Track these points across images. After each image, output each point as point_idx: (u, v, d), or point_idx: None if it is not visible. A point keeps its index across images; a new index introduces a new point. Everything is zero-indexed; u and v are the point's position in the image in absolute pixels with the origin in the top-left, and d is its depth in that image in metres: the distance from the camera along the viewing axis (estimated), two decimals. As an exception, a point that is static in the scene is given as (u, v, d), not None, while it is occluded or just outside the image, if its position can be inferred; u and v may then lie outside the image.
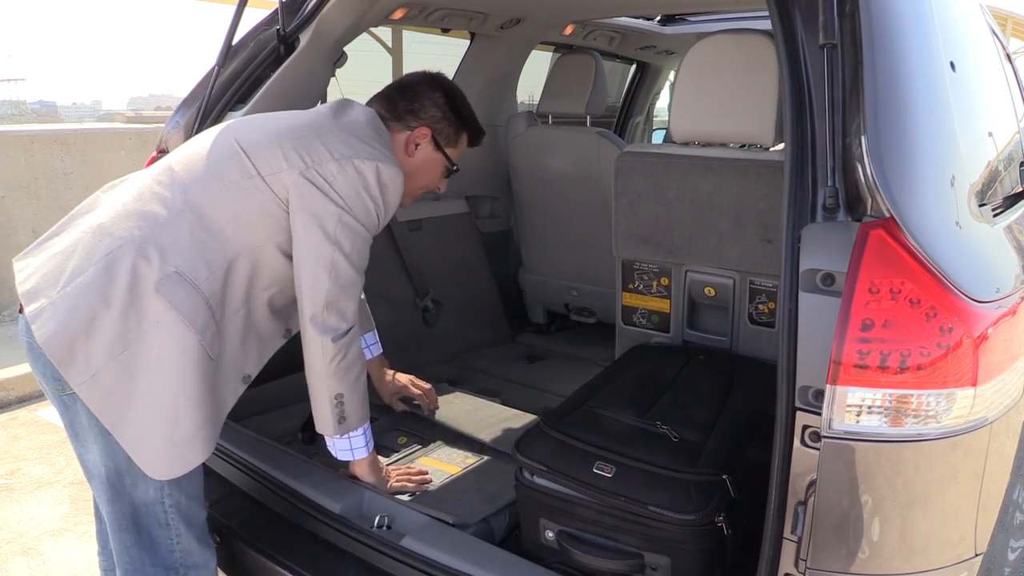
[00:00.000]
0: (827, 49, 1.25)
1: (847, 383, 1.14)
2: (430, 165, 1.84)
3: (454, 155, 1.87)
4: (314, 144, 1.61)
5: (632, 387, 1.89)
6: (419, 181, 1.84)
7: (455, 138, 1.85)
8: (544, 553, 1.63)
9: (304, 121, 1.69)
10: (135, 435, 1.47)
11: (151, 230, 1.50)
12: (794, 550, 1.23)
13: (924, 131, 1.30)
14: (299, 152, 1.60)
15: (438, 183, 1.91)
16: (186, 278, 1.49)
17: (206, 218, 1.54)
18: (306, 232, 1.58)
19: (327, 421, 1.69)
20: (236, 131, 1.67)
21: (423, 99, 1.80)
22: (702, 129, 2.09)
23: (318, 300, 1.59)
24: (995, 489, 1.34)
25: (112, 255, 1.46)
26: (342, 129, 1.67)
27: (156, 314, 1.45)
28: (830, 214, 1.22)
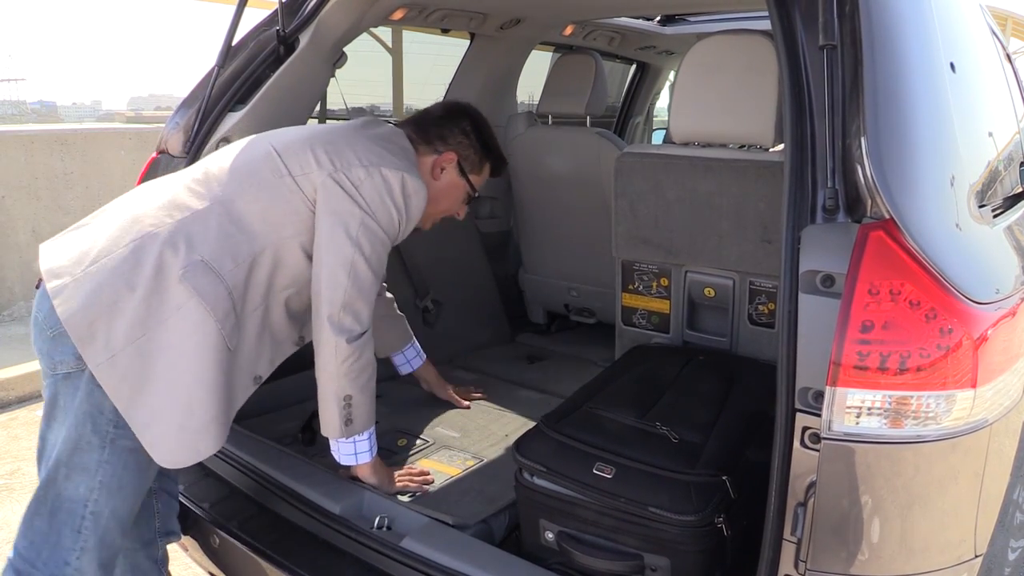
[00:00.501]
0: (827, 50, 1.25)
1: (847, 384, 1.14)
2: (453, 190, 1.89)
3: (477, 182, 1.93)
4: (344, 150, 1.68)
5: (632, 388, 1.89)
6: (441, 205, 1.90)
7: (479, 166, 1.92)
8: (544, 554, 1.63)
9: (335, 129, 1.77)
10: (146, 420, 1.48)
11: (181, 220, 1.55)
12: (794, 551, 1.23)
13: (924, 132, 1.30)
14: (329, 155, 1.66)
15: (459, 208, 1.96)
16: (211, 267, 1.53)
17: (236, 213, 1.59)
18: (330, 231, 1.62)
19: (333, 422, 1.70)
20: (271, 136, 1.75)
21: (452, 125, 1.87)
22: (702, 130, 2.09)
23: (335, 300, 1.63)
24: (995, 490, 1.33)
25: (141, 241, 1.50)
26: (371, 140, 1.73)
27: (179, 300, 1.49)
28: (830, 215, 1.22)
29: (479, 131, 1.90)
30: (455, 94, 3.17)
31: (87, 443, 1.49)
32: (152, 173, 2.08)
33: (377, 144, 1.72)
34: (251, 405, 2.23)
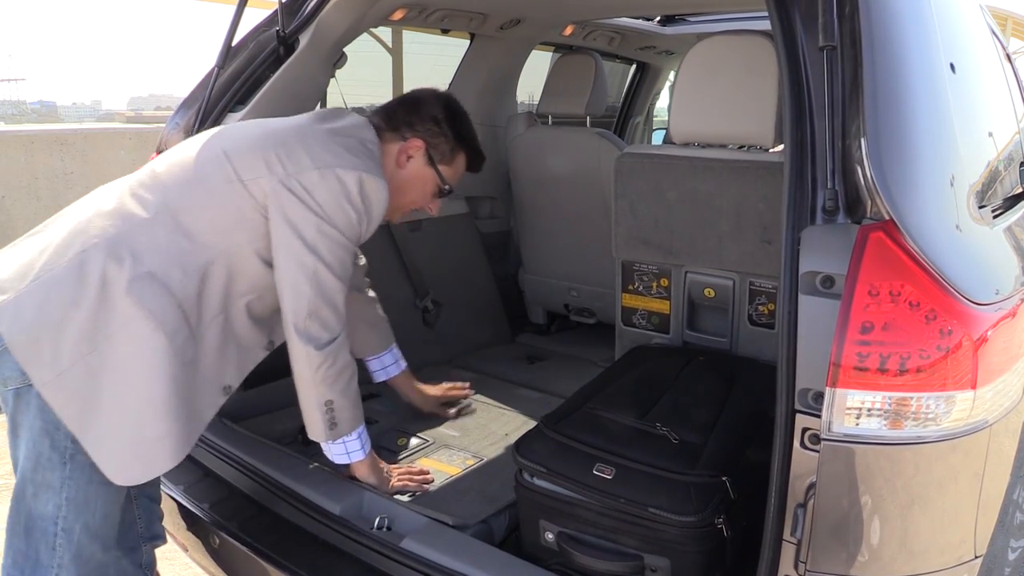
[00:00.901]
0: (827, 51, 1.25)
1: (847, 385, 1.14)
2: (421, 181, 1.80)
3: (448, 174, 1.82)
4: (296, 151, 1.59)
5: (632, 388, 1.89)
6: (408, 196, 1.81)
7: (450, 156, 1.81)
8: (544, 554, 1.63)
9: (291, 127, 1.67)
10: (98, 437, 1.44)
11: (127, 230, 1.49)
12: (794, 552, 1.23)
13: (924, 133, 1.30)
14: (280, 158, 1.58)
15: (429, 202, 1.86)
16: (158, 279, 1.47)
17: (184, 221, 1.53)
18: (286, 240, 1.57)
19: (318, 427, 1.69)
20: (222, 136, 1.66)
21: (422, 112, 1.78)
22: (702, 130, 2.09)
23: (300, 310, 1.58)
24: (995, 491, 1.34)
25: (85, 253, 1.45)
26: (329, 136, 1.65)
27: (125, 315, 1.44)
28: (830, 216, 1.22)
29: (453, 120, 1.80)
30: (455, 94, 3.16)
31: (47, 460, 1.46)
32: (152, 173, 2.08)
33: (334, 140, 1.64)
34: (251, 405, 2.24)
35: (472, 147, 1.85)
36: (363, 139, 1.69)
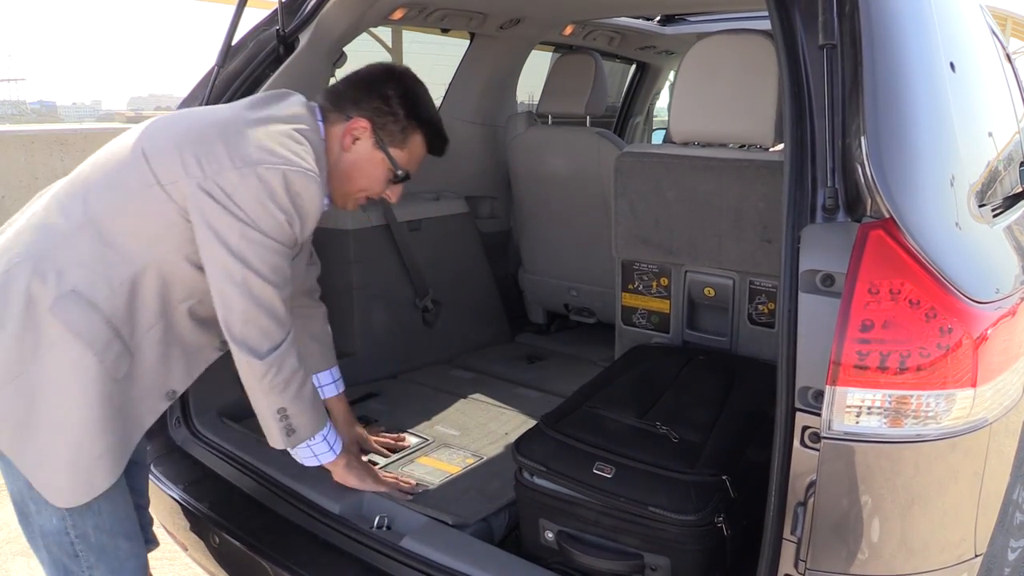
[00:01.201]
0: (827, 49, 1.25)
1: (847, 384, 1.14)
2: (370, 165, 1.63)
3: (401, 158, 1.64)
4: (216, 149, 1.45)
5: (632, 387, 1.89)
6: (356, 182, 1.65)
7: (402, 138, 1.63)
8: (544, 553, 1.63)
9: (216, 119, 1.52)
10: (35, 461, 1.40)
11: (50, 244, 1.42)
12: (794, 551, 1.23)
13: (924, 132, 1.30)
14: (198, 158, 1.44)
15: (382, 188, 1.68)
16: (83, 297, 1.40)
17: (107, 230, 1.44)
18: (210, 249, 1.44)
19: (275, 436, 1.59)
20: (144, 134, 1.52)
21: (370, 89, 1.61)
22: (702, 129, 2.09)
23: (233, 320, 1.48)
24: (995, 489, 1.34)
25: (8, 273, 1.39)
26: (255, 126, 1.49)
27: (52, 336, 1.38)
28: (830, 215, 1.22)
29: (406, 97, 1.62)
30: (455, 94, 3.17)
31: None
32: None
33: (264, 131, 1.48)
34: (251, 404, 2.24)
35: (430, 126, 1.66)
36: (299, 126, 1.54)
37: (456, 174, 3.09)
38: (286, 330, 1.52)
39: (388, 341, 2.70)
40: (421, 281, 2.81)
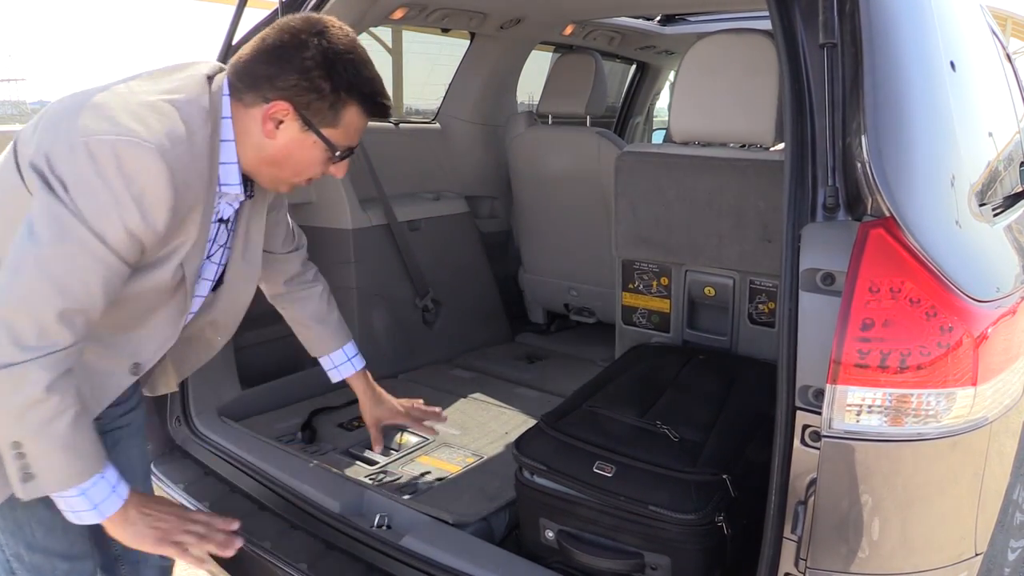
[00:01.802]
0: (827, 48, 1.25)
1: (847, 382, 1.14)
2: (301, 150, 1.35)
3: (337, 136, 1.35)
4: (63, 122, 1.21)
5: (632, 387, 1.89)
6: (290, 168, 1.38)
7: (333, 115, 1.33)
8: (544, 552, 1.63)
9: (94, 92, 1.25)
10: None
11: None
12: (794, 549, 1.23)
13: (924, 130, 1.30)
14: (44, 131, 1.22)
15: (322, 169, 1.40)
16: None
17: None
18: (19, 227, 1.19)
19: (10, 476, 1.23)
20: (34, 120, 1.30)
21: (285, 63, 1.29)
22: (702, 129, 2.09)
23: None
24: (995, 489, 1.34)
25: None
26: (123, 97, 1.24)
27: None
28: (830, 213, 1.22)
29: (328, 65, 1.29)
30: (455, 94, 3.17)
31: None
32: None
33: (122, 100, 1.23)
34: (251, 404, 2.24)
35: (362, 94, 1.34)
36: (173, 96, 1.27)
37: (456, 174, 3.10)
38: (50, 346, 1.18)
39: (388, 341, 2.70)
40: (421, 281, 2.81)
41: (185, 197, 1.25)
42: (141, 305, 1.37)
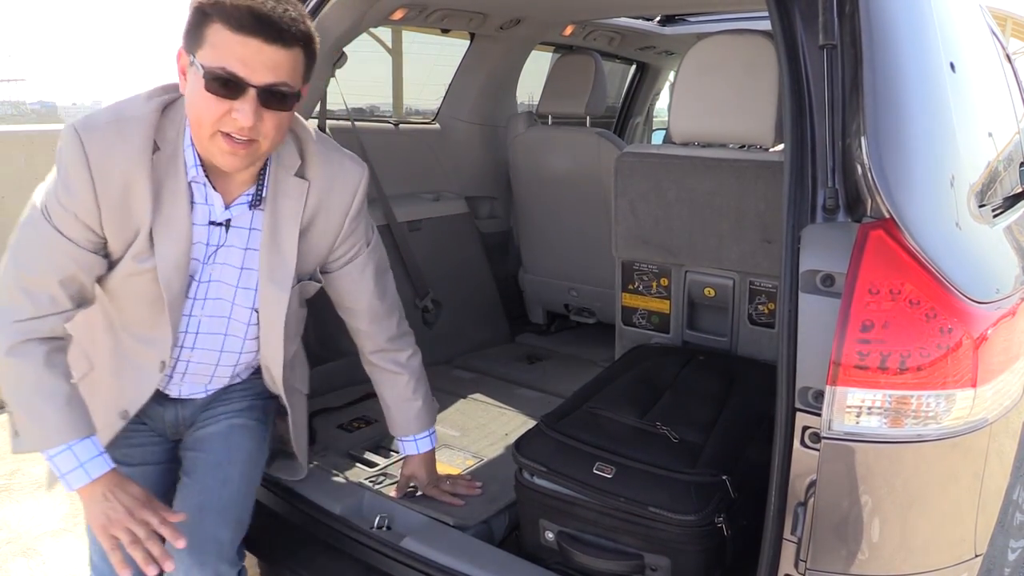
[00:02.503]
0: (827, 50, 1.25)
1: (847, 384, 1.14)
2: (192, 88, 1.29)
3: (205, 57, 1.25)
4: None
5: (632, 388, 1.89)
6: (193, 116, 1.31)
7: (200, 37, 1.26)
8: (544, 554, 1.63)
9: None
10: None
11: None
12: (794, 551, 1.23)
13: (924, 132, 1.30)
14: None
15: (215, 110, 1.27)
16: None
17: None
18: None
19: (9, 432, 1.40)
20: None
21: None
22: (702, 129, 2.09)
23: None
24: (995, 490, 1.34)
25: None
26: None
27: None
28: (830, 215, 1.22)
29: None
30: (455, 94, 3.17)
31: None
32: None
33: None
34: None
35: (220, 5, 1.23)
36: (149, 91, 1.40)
37: (456, 174, 3.10)
38: (13, 333, 1.33)
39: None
40: (421, 281, 2.81)
41: (109, 175, 1.31)
42: (145, 301, 1.43)
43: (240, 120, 1.26)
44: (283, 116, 1.32)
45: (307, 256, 1.52)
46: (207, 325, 1.51)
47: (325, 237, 1.53)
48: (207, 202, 1.42)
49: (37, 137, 5.02)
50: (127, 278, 1.40)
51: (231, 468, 1.57)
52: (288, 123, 1.37)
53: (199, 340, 1.52)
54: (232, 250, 1.47)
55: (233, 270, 1.48)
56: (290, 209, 1.47)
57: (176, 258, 1.40)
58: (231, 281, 1.49)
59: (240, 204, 1.45)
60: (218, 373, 1.59)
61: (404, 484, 1.82)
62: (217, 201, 1.42)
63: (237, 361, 1.58)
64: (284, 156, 1.46)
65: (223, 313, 1.51)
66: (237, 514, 1.54)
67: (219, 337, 1.53)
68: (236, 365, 1.59)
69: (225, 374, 1.60)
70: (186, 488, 1.54)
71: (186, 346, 1.52)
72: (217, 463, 1.56)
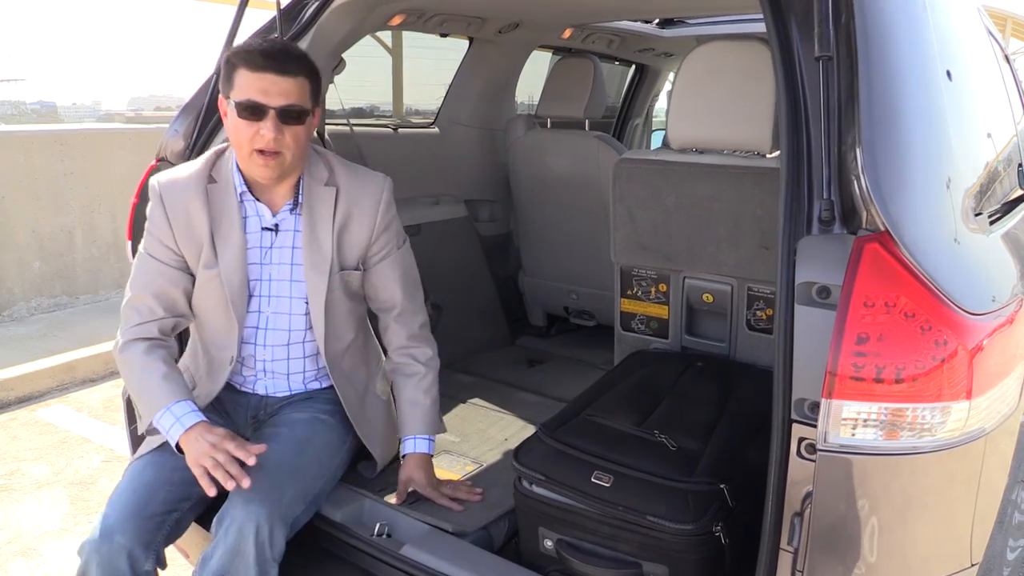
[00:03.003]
0: (823, 61, 1.25)
1: (843, 396, 1.15)
2: (230, 119, 1.67)
3: (236, 93, 1.63)
4: None
5: (630, 395, 1.89)
6: (234, 139, 1.69)
7: (230, 82, 1.65)
8: (543, 561, 1.64)
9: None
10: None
11: None
12: (791, 561, 1.23)
13: (920, 143, 1.31)
14: None
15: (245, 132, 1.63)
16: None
17: None
18: None
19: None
20: None
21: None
22: (700, 136, 2.10)
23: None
24: (991, 498, 1.34)
25: None
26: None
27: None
28: (826, 227, 1.22)
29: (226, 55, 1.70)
30: (454, 98, 3.17)
31: None
32: (152, 181, 2.08)
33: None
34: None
35: (240, 53, 1.64)
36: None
37: (455, 178, 3.10)
38: (118, 334, 1.75)
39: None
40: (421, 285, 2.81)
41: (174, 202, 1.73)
42: (218, 306, 1.77)
43: (266, 135, 1.62)
44: (300, 131, 1.66)
45: (348, 249, 1.81)
46: (274, 321, 1.80)
47: (361, 232, 1.81)
48: (257, 214, 1.76)
49: (37, 137, 5.03)
50: (202, 287, 1.76)
51: (308, 445, 1.75)
52: (305, 138, 1.70)
53: (269, 336, 1.81)
54: (283, 250, 1.78)
55: (285, 267, 1.79)
56: (323, 210, 1.78)
57: (234, 260, 1.74)
58: (285, 277, 1.79)
59: (284, 211, 1.77)
60: (293, 368, 1.85)
61: (403, 488, 1.84)
62: (265, 211, 1.77)
63: (304, 353, 1.85)
64: (314, 170, 1.79)
65: (284, 309, 1.80)
66: (303, 485, 1.68)
67: (284, 333, 1.81)
68: (306, 358, 1.85)
69: (299, 368, 1.86)
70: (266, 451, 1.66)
71: (259, 343, 1.81)
72: (296, 438, 1.74)
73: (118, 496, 1.64)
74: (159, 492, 1.65)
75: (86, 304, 5.28)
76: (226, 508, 1.57)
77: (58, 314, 5.08)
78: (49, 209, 5.01)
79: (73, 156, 5.10)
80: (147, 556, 1.61)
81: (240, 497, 1.56)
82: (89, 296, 5.31)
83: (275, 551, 1.56)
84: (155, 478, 1.66)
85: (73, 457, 3.42)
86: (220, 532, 1.56)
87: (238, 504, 1.55)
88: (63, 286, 5.17)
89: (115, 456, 3.41)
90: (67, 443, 3.55)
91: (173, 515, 1.67)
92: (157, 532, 1.64)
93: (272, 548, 1.55)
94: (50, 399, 4.04)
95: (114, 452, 3.45)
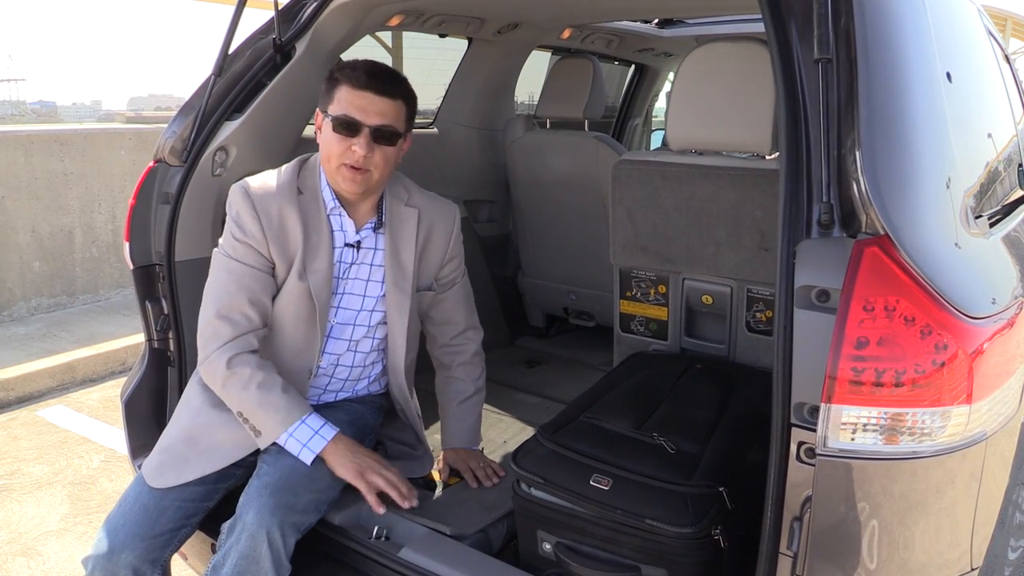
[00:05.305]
0: (822, 64, 1.25)
1: (842, 401, 1.14)
2: (324, 133, 1.73)
3: (334, 107, 1.70)
4: None
5: (629, 397, 1.89)
6: (325, 152, 1.74)
7: (329, 96, 1.72)
8: (541, 564, 1.63)
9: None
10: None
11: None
12: (790, 565, 1.23)
13: (919, 146, 1.30)
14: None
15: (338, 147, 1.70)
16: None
17: None
18: None
19: (251, 435, 1.70)
20: None
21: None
22: (699, 137, 2.09)
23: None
24: (992, 502, 1.34)
25: None
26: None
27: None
28: (825, 230, 1.22)
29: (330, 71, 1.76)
30: (453, 98, 3.17)
31: None
32: (150, 182, 2.08)
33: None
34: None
35: (345, 71, 1.71)
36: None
37: (454, 178, 3.10)
38: (210, 348, 1.69)
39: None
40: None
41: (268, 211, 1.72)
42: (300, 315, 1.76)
43: (357, 151, 1.67)
44: (390, 152, 1.72)
45: (424, 271, 1.90)
46: (337, 331, 1.84)
47: (436, 255, 1.91)
48: (342, 228, 1.79)
49: (37, 137, 5.03)
50: (288, 294, 1.75)
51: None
52: (395, 160, 1.75)
53: (329, 344, 1.84)
54: (362, 267, 1.83)
55: (361, 283, 1.83)
56: (407, 231, 1.85)
57: (324, 272, 1.76)
58: (359, 292, 1.83)
59: (367, 229, 1.82)
60: (351, 375, 1.91)
61: (444, 465, 1.99)
62: (350, 227, 1.80)
63: (364, 362, 1.90)
64: (396, 190, 1.86)
65: (349, 321, 1.84)
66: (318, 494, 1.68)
67: (345, 342, 1.85)
68: (364, 366, 1.91)
69: (356, 376, 1.92)
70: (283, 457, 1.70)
71: (326, 351, 1.84)
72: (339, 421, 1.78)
73: (127, 510, 1.63)
74: (169, 509, 1.65)
75: (86, 304, 5.28)
76: (238, 515, 1.57)
77: (58, 314, 5.08)
78: (49, 209, 5.01)
79: (73, 156, 5.10)
80: (153, 571, 1.62)
81: (254, 504, 1.55)
82: (89, 296, 5.32)
83: (288, 558, 1.56)
84: (166, 494, 1.65)
85: (73, 457, 3.42)
86: (231, 539, 1.55)
87: (251, 511, 1.55)
88: (63, 286, 5.17)
89: (115, 456, 3.42)
90: (67, 443, 3.55)
91: (182, 531, 1.68)
92: (165, 549, 1.64)
93: (286, 554, 1.56)
94: (50, 399, 4.05)
95: (114, 452, 3.45)
